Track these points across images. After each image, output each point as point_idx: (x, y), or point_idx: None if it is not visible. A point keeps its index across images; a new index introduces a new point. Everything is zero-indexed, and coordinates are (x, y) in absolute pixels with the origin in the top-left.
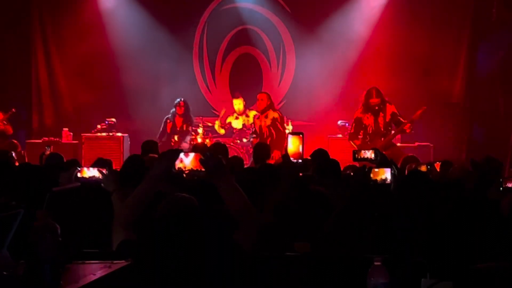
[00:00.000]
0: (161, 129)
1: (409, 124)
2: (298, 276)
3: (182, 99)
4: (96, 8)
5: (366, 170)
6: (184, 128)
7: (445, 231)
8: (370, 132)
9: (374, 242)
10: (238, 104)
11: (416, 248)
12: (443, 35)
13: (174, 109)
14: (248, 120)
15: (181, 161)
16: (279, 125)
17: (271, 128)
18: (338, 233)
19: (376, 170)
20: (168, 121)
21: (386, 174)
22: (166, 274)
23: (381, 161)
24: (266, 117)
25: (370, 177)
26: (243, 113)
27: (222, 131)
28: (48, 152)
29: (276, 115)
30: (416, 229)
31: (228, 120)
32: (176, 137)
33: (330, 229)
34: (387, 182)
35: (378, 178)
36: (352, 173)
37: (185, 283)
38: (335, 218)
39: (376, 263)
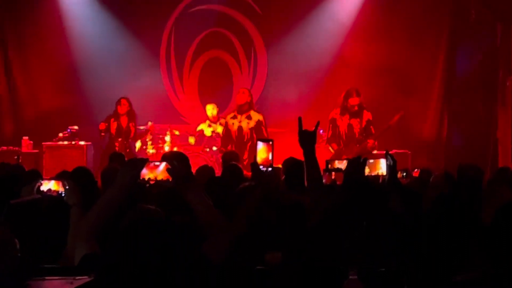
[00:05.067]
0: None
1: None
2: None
3: (123, 97)
4: (57, 13)
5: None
6: (130, 128)
7: (423, 241)
8: (343, 136)
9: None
10: (212, 109)
11: (394, 258)
12: (421, 37)
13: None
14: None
15: (151, 170)
16: (264, 129)
17: (253, 131)
18: (319, 243)
19: (371, 161)
20: (112, 120)
21: (381, 165)
22: None
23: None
24: (249, 117)
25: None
26: (217, 120)
27: (192, 141)
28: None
29: (261, 117)
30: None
31: (199, 128)
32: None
33: (311, 238)
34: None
35: (374, 173)
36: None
37: None
38: (316, 227)
39: (351, 277)
